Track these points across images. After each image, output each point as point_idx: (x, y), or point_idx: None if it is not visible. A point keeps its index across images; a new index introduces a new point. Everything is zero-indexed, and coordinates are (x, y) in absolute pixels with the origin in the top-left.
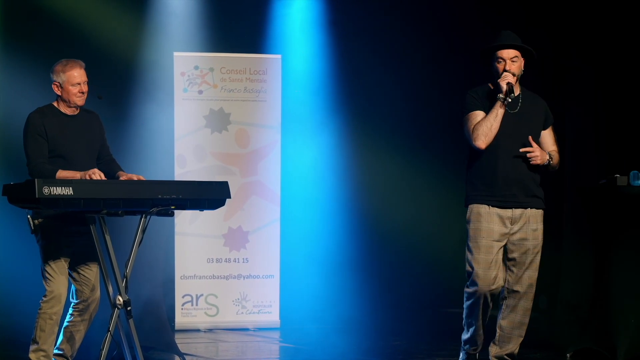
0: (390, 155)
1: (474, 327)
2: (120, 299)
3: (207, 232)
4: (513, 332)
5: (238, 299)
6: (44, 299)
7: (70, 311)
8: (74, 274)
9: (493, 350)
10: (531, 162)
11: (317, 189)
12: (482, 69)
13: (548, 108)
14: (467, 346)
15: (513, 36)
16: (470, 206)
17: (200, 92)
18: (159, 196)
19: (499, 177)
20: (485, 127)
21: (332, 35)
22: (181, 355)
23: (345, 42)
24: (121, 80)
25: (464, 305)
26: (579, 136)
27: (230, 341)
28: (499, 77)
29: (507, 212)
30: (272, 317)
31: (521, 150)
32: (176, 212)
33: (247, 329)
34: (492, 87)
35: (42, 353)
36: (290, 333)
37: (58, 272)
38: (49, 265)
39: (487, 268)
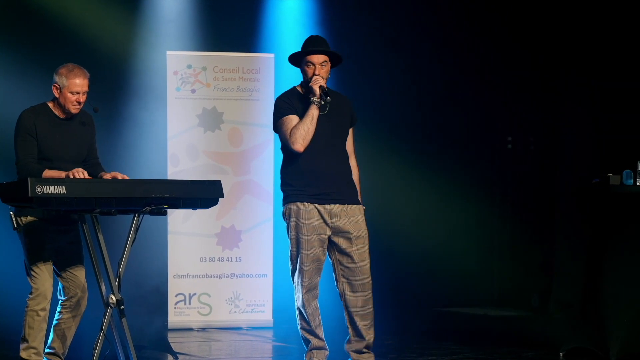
0: (385, 153)
1: (312, 327)
2: (113, 298)
3: (200, 231)
4: (364, 324)
5: (231, 298)
6: (30, 296)
7: (58, 309)
8: (61, 272)
9: (350, 346)
10: None
11: None
12: (477, 70)
13: (352, 107)
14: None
15: (321, 41)
16: (289, 204)
17: (193, 91)
18: (152, 195)
19: (315, 176)
20: (303, 130)
21: (324, 34)
22: (174, 354)
23: (339, 41)
24: (114, 79)
25: (299, 310)
26: (574, 136)
27: (223, 340)
28: (310, 81)
29: (327, 207)
30: (265, 316)
31: None
32: (169, 211)
33: (240, 328)
34: (301, 91)
35: (32, 350)
36: (283, 332)
37: (43, 269)
38: (33, 262)
39: (311, 261)
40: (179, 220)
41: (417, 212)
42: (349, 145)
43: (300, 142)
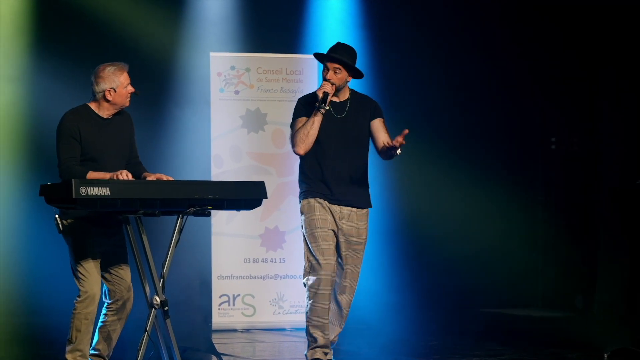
0: (431, 156)
1: (321, 324)
2: (157, 299)
3: (244, 232)
4: (334, 322)
5: (275, 299)
6: (78, 299)
7: (104, 311)
8: (106, 275)
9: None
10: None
11: None
12: (523, 71)
13: (377, 105)
14: (315, 345)
15: (341, 49)
16: (304, 200)
17: (237, 92)
18: (196, 196)
19: (328, 177)
20: (303, 134)
21: (367, 35)
22: (218, 355)
23: (381, 42)
24: (158, 81)
25: (307, 302)
26: (617, 137)
27: (267, 341)
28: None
29: (336, 208)
30: None
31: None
32: (213, 212)
33: (284, 329)
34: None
35: (78, 353)
36: None
37: (90, 271)
38: (81, 265)
39: (328, 255)
40: (222, 221)
41: (462, 214)
42: (385, 137)
43: (300, 146)
